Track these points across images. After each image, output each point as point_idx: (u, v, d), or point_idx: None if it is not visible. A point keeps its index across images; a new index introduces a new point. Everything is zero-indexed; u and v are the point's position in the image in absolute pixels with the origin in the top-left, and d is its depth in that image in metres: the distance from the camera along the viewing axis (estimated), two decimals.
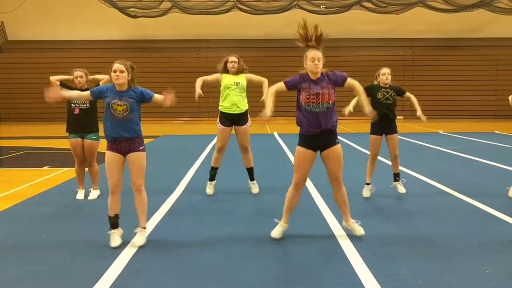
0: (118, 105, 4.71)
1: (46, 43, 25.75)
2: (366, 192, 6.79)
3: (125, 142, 4.77)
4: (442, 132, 17.64)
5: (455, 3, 22.71)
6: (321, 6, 22.94)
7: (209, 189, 7.02)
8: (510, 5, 22.58)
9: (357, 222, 5.01)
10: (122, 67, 4.73)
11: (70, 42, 25.67)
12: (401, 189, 6.86)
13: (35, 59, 25.56)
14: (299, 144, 4.86)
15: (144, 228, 4.85)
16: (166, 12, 23.16)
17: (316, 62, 4.68)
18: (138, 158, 4.81)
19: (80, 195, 6.84)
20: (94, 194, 6.84)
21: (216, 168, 7.07)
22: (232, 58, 6.80)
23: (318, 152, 4.87)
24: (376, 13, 23.67)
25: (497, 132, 17.64)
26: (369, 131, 6.83)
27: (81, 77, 6.66)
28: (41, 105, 25.00)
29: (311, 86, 4.70)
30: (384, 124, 6.67)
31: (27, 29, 25.87)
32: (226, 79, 6.80)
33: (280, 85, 4.82)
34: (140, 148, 4.84)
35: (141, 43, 26.08)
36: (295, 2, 23.04)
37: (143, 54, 25.69)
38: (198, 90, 6.66)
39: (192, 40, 26.29)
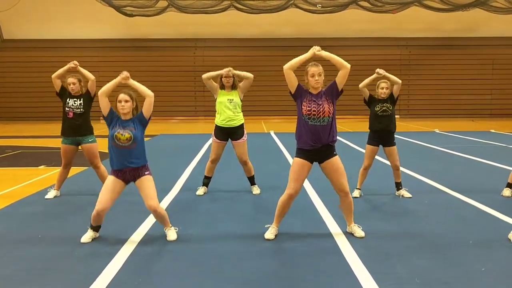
0: (121, 134, 4.75)
1: (42, 41, 25.66)
2: (356, 193, 6.77)
3: (130, 171, 4.83)
4: (438, 131, 17.69)
5: (451, 3, 22.75)
6: (318, 5, 22.93)
7: (200, 191, 7.04)
8: (506, 5, 22.64)
9: (359, 227, 5.03)
10: (127, 97, 4.80)
11: (66, 41, 25.59)
12: (407, 194, 6.77)
13: (31, 57, 25.47)
14: (297, 156, 4.87)
15: (169, 227, 4.96)
16: (162, 11, 23.11)
17: (317, 77, 4.73)
18: (147, 182, 4.85)
19: (51, 194, 6.81)
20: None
21: (209, 177, 7.11)
22: (227, 74, 6.83)
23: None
24: (373, 12, 23.69)
25: (493, 131, 17.70)
26: (366, 129, 6.83)
27: (73, 84, 6.63)
28: (37, 104, 25.11)
29: (312, 99, 4.74)
30: (382, 136, 6.66)
31: (22, 27, 25.77)
32: (221, 96, 6.84)
33: (295, 78, 4.79)
34: (146, 173, 4.88)
35: (137, 42, 26.04)
36: (292, 1, 23.03)
37: (139, 53, 25.64)
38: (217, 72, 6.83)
39: (189, 39, 26.25)
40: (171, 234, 4.92)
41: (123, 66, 4.94)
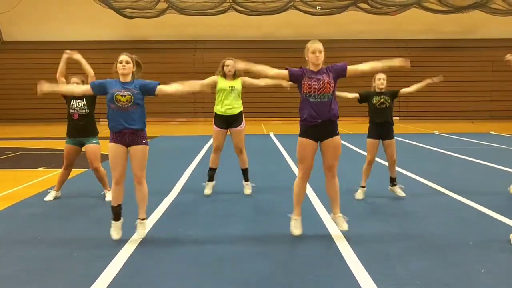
0: (121, 95, 4.75)
1: (42, 43, 25.68)
2: (360, 194, 6.75)
3: (129, 134, 4.82)
4: (437, 133, 17.70)
5: (451, 5, 22.79)
6: (317, 7, 22.98)
7: (207, 189, 7.03)
8: (505, 6, 22.68)
9: (344, 218, 4.99)
10: (128, 58, 4.86)
11: (65, 43, 25.43)
12: (400, 192, 6.75)
13: (31, 59, 25.49)
14: (300, 135, 4.92)
15: (143, 219, 4.93)
16: (162, 13, 23.14)
17: (317, 54, 4.78)
18: (140, 151, 4.86)
19: (50, 196, 6.79)
20: (109, 195, 6.79)
21: (214, 169, 7.07)
22: (229, 62, 6.79)
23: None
24: (372, 14, 23.72)
25: (492, 132, 17.71)
26: (366, 131, 6.84)
27: (77, 83, 6.66)
28: (37, 105, 25.08)
29: (312, 77, 4.79)
30: (382, 129, 6.66)
31: (22, 29, 25.79)
32: (222, 83, 6.79)
33: (282, 71, 4.86)
34: (143, 141, 4.88)
35: (137, 43, 26.05)
36: (291, 3, 23.06)
37: (139, 55, 25.08)
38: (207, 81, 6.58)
39: (188, 41, 26.28)
40: (140, 231, 4.86)
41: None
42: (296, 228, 4.98)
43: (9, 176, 9.04)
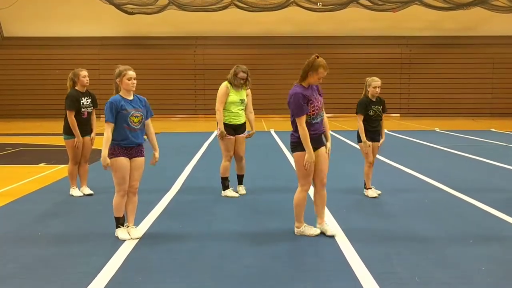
0: (135, 116, 4.79)
1: (42, 39, 25.65)
2: (373, 192, 6.67)
3: (135, 148, 4.89)
4: (438, 130, 17.68)
5: (452, 1, 22.74)
6: (318, 4, 22.92)
7: (231, 192, 6.83)
8: (507, 3, 22.62)
9: (327, 225, 4.99)
10: (135, 74, 4.79)
11: (66, 39, 25.57)
12: (375, 193, 6.69)
13: (31, 55, 25.45)
14: (304, 150, 4.77)
15: (133, 225, 4.96)
16: (163, 9, 23.10)
17: (320, 81, 4.82)
18: (142, 163, 4.96)
19: (78, 191, 6.83)
20: (88, 190, 6.86)
21: (227, 178, 6.89)
22: (242, 75, 6.67)
23: None
24: (373, 11, 23.67)
25: (493, 130, 17.69)
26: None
27: (87, 76, 6.74)
28: (37, 101, 25.12)
29: (314, 97, 4.77)
30: (372, 133, 6.67)
31: (22, 25, 25.75)
32: (233, 96, 6.75)
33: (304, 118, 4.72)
34: (143, 153, 4.97)
35: (137, 40, 26.01)
36: (292, 0, 23.02)
37: (139, 51, 25.61)
38: (222, 128, 6.68)
39: (189, 37, 26.23)
40: (135, 232, 4.86)
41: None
42: (314, 229, 4.94)
43: (9, 172, 9.03)
